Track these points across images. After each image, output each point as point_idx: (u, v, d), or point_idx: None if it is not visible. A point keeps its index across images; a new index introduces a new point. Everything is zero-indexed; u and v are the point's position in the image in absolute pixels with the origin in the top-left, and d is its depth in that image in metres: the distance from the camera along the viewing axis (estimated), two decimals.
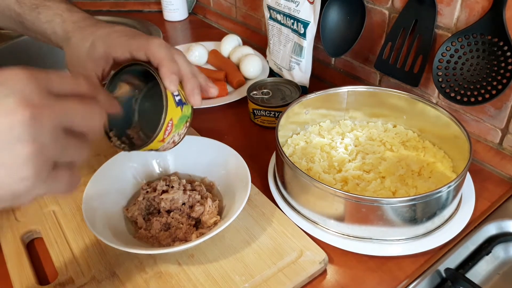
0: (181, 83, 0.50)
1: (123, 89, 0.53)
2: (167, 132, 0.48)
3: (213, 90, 0.53)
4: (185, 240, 0.54)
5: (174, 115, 0.49)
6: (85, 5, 1.28)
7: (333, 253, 0.55)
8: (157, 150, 0.51)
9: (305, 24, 0.78)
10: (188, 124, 0.52)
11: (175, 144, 0.52)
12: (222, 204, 0.59)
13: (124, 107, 0.52)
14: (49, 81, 0.33)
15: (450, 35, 0.67)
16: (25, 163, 0.30)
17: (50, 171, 0.32)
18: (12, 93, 0.30)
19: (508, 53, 0.60)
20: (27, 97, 0.31)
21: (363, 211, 0.52)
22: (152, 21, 1.22)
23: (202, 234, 0.52)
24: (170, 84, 0.47)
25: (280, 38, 0.86)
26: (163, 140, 0.49)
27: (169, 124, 0.48)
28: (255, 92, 0.79)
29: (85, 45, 0.53)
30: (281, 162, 0.59)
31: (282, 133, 0.67)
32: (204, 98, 0.80)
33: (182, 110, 0.50)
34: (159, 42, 0.49)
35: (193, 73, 0.51)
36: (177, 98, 0.49)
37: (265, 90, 0.80)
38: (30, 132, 0.30)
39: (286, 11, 0.82)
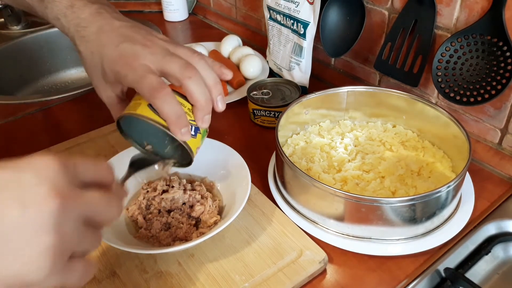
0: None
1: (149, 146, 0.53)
2: (197, 153, 0.51)
3: (227, 75, 0.52)
4: (185, 239, 0.54)
5: (197, 144, 0.50)
6: None
7: (333, 253, 0.55)
8: None
9: (305, 25, 0.79)
10: (207, 133, 0.53)
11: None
12: (222, 204, 0.59)
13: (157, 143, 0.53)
14: (76, 170, 0.34)
15: (449, 35, 0.67)
16: (44, 254, 0.30)
17: (65, 262, 0.32)
18: (45, 182, 0.30)
19: (508, 53, 0.60)
20: (58, 187, 0.31)
21: (362, 211, 0.52)
22: (152, 21, 1.22)
23: (202, 234, 0.52)
24: (182, 137, 0.46)
25: (280, 38, 0.87)
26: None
27: (197, 151, 0.51)
28: (255, 92, 0.79)
29: (94, 61, 0.50)
30: (281, 162, 0.59)
31: (282, 133, 0.67)
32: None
33: (201, 134, 0.50)
34: (172, 66, 0.46)
35: (206, 96, 0.47)
36: (193, 129, 0.48)
37: (265, 90, 0.80)
38: (56, 222, 0.30)
39: (286, 11, 0.82)
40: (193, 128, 0.48)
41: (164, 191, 0.59)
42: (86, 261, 0.34)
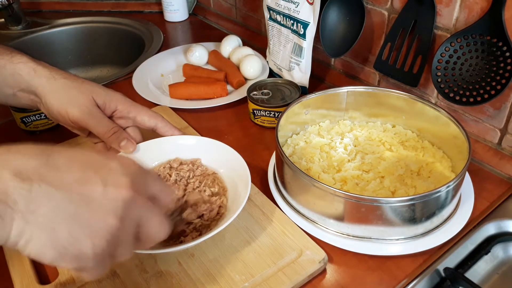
0: None
1: None
2: None
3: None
4: (185, 239, 0.54)
5: None
6: (86, 6, 1.29)
7: (332, 253, 0.55)
8: None
9: (305, 25, 0.79)
10: None
11: None
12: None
13: None
14: (148, 179, 0.39)
15: (449, 35, 0.68)
16: (105, 233, 0.34)
17: (109, 254, 0.35)
18: (127, 174, 0.36)
19: (507, 54, 0.60)
20: (135, 183, 0.36)
21: (362, 211, 0.52)
22: (152, 21, 1.22)
23: (202, 234, 0.52)
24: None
25: (280, 38, 0.87)
26: None
27: None
28: (255, 93, 0.79)
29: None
30: (281, 162, 0.59)
31: (282, 133, 0.67)
32: (201, 98, 0.81)
33: None
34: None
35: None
36: None
37: (265, 91, 0.80)
38: (123, 211, 0.35)
39: (286, 11, 0.82)
40: None
41: None
42: (111, 263, 0.37)
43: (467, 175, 0.64)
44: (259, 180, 0.67)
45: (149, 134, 0.64)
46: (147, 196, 0.38)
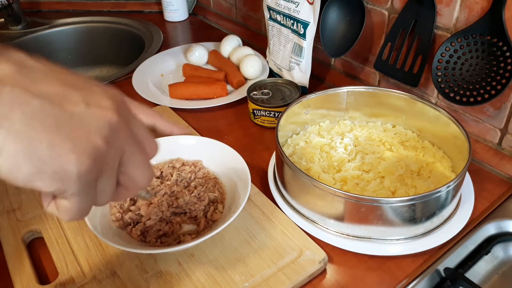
0: None
1: None
2: None
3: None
4: (185, 239, 0.54)
5: None
6: (86, 6, 1.29)
7: (332, 253, 0.55)
8: None
9: (305, 25, 0.79)
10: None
11: None
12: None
13: None
14: (133, 119, 0.34)
15: (449, 35, 0.68)
16: (90, 152, 0.29)
17: (95, 180, 0.31)
18: (112, 100, 0.32)
19: (507, 53, 0.60)
20: (120, 110, 0.32)
21: (362, 211, 0.52)
22: (152, 21, 1.22)
23: (202, 234, 0.52)
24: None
25: (280, 38, 0.87)
26: None
27: None
28: (255, 92, 0.79)
29: None
30: (281, 162, 0.59)
31: (282, 133, 0.67)
32: (198, 98, 0.81)
33: None
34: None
35: None
36: None
37: (265, 90, 0.80)
38: (109, 134, 0.30)
39: (286, 11, 0.82)
40: None
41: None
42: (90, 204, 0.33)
43: (467, 175, 0.64)
44: (259, 180, 0.67)
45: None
46: (132, 135, 0.34)
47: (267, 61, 0.94)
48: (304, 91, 0.85)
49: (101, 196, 0.33)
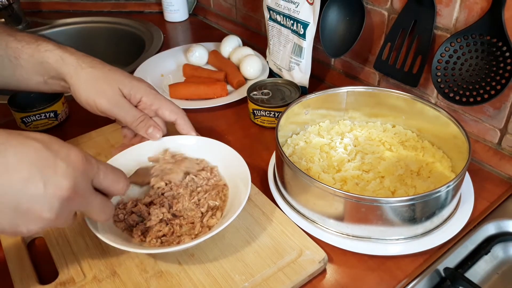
0: None
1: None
2: None
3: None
4: (185, 239, 0.54)
5: None
6: (86, 6, 1.29)
7: (332, 253, 0.55)
8: None
9: (305, 25, 0.79)
10: None
11: None
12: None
13: None
14: (99, 174, 0.44)
15: (449, 35, 0.68)
16: (39, 224, 0.41)
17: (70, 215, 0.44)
18: (70, 177, 0.40)
19: (507, 54, 0.60)
20: (76, 184, 0.41)
21: (362, 211, 0.52)
22: (152, 22, 1.22)
23: (202, 234, 0.52)
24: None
25: (280, 38, 0.87)
26: None
27: None
28: (255, 93, 0.79)
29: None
30: (281, 162, 0.59)
31: (282, 133, 0.67)
32: (192, 98, 0.81)
33: None
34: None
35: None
36: None
37: (265, 91, 0.80)
38: (59, 208, 0.40)
39: (286, 12, 0.82)
40: None
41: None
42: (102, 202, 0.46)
43: (467, 175, 0.64)
44: (259, 180, 0.67)
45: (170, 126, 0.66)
46: (100, 188, 0.45)
47: (267, 61, 0.95)
48: (304, 91, 0.85)
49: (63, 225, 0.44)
